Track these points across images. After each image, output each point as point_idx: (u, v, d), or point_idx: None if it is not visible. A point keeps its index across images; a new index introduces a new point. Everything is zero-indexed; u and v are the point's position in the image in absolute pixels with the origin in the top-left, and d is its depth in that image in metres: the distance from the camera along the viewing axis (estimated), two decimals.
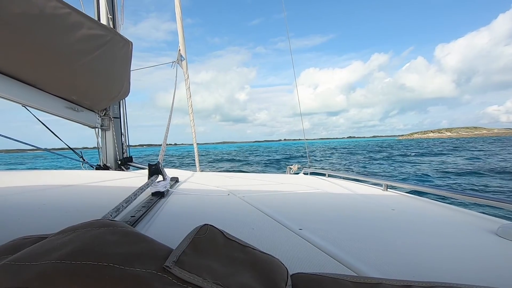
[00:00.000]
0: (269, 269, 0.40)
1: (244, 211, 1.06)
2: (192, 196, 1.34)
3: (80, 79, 2.15)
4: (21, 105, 2.05)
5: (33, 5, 1.48)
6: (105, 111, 2.89)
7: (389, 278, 0.39)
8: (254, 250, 0.44)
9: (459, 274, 0.57)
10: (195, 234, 0.45)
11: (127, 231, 0.43)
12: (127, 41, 2.30)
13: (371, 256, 0.64)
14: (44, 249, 0.37)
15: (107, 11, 2.76)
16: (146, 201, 1.13)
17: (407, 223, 0.98)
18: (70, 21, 1.72)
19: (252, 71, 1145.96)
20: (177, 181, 1.78)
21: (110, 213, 0.75)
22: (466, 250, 0.71)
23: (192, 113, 3.37)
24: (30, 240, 0.45)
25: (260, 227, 0.84)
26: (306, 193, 1.52)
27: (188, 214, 1.02)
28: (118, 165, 3.03)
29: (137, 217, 0.88)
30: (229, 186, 1.67)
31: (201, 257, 0.39)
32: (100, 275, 0.32)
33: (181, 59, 3.12)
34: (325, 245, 0.69)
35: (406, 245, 0.73)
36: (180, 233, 0.48)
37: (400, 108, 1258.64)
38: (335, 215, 1.05)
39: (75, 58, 1.90)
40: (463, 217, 1.05)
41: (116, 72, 2.38)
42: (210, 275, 0.35)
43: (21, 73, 1.86)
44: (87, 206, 1.12)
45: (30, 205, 1.07)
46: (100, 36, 1.98)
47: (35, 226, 0.82)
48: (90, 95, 2.43)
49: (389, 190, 1.59)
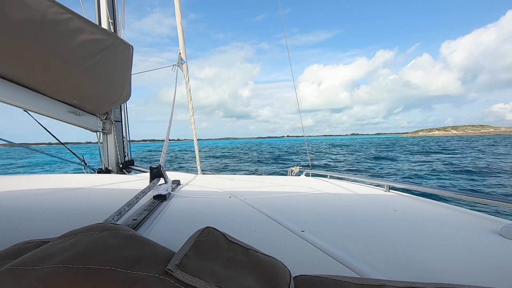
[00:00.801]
0: (272, 271, 0.40)
1: (246, 214, 1.05)
2: (193, 199, 1.34)
3: (81, 84, 2.16)
4: (22, 109, 2.07)
5: (35, 11, 1.49)
6: (107, 114, 2.90)
7: (393, 279, 0.39)
8: (257, 252, 0.44)
9: (463, 275, 0.57)
10: (197, 237, 0.45)
11: (129, 235, 0.43)
12: (128, 45, 2.32)
13: (374, 257, 0.64)
14: (47, 253, 0.37)
15: (108, 16, 2.78)
16: (148, 204, 1.13)
17: (410, 224, 0.98)
18: (71, 26, 1.73)
19: (256, 67, 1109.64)
20: (178, 184, 1.78)
21: (112, 217, 0.75)
22: (469, 251, 0.71)
23: (193, 116, 3.38)
24: (33, 244, 0.45)
25: (262, 229, 0.84)
26: (308, 195, 1.52)
27: (190, 217, 1.01)
28: (119, 168, 3.03)
29: (139, 221, 0.88)
30: (230, 188, 1.67)
31: (203, 260, 0.39)
32: (102, 279, 0.32)
33: (182, 62, 3.14)
34: (327, 247, 0.69)
35: (409, 246, 0.73)
36: (182, 236, 0.48)
37: (404, 106, 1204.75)
38: (337, 217, 1.04)
39: (77, 63, 1.92)
40: (466, 218, 1.04)
41: (117, 76, 2.39)
42: (212, 278, 0.35)
43: (23, 78, 1.88)
44: (89, 210, 1.12)
45: (32, 209, 1.08)
46: (101, 41, 1.99)
47: (38, 230, 0.82)
48: (91, 99, 2.45)
49: (391, 191, 1.59)
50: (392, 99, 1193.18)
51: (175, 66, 3.07)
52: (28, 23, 1.49)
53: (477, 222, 0.98)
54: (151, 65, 55.75)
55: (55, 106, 2.22)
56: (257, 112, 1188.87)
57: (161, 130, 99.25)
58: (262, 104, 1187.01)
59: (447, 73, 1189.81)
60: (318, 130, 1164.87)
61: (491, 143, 37.22)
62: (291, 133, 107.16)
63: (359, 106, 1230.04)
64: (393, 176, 10.87)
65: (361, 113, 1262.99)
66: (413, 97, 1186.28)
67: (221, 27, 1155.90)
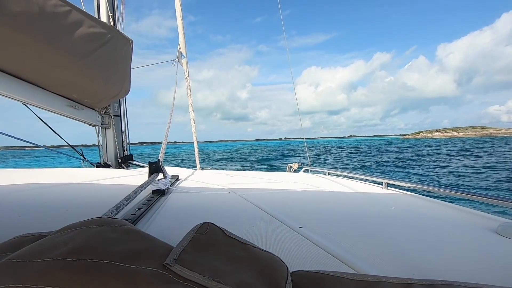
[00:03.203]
0: (270, 266, 0.40)
1: (244, 209, 1.06)
2: (192, 194, 1.34)
3: (80, 77, 2.15)
4: (21, 103, 2.06)
5: (33, 3, 1.47)
6: (106, 109, 2.89)
7: (389, 276, 0.39)
8: (255, 248, 0.44)
9: (459, 272, 0.58)
10: (196, 232, 0.45)
11: (128, 229, 0.43)
12: (128, 39, 2.30)
13: (371, 254, 0.65)
14: (45, 247, 0.37)
15: (108, 9, 2.75)
16: (146, 199, 1.13)
17: (407, 221, 0.98)
18: (70, 19, 1.71)
19: (254, 69, 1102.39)
20: (177, 179, 1.78)
21: (111, 211, 0.75)
22: (466, 248, 0.71)
23: (192, 111, 3.37)
24: (31, 237, 0.45)
25: (260, 225, 0.85)
26: (306, 191, 1.52)
27: (189, 212, 1.02)
28: (118, 163, 3.03)
29: (138, 215, 0.88)
30: (229, 184, 1.67)
31: (202, 255, 0.39)
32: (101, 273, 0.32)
33: (182, 57, 3.12)
34: (325, 243, 0.69)
35: (406, 243, 0.74)
36: (181, 231, 0.48)
37: (401, 108, 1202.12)
38: (335, 213, 1.05)
39: (76, 56, 1.90)
40: (463, 215, 1.05)
41: (116, 70, 2.37)
42: (210, 273, 0.35)
43: (22, 71, 1.86)
44: (87, 204, 1.12)
45: (31, 203, 1.08)
46: (100, 34, 1.98)
47: (36, 223, 0.82)
48: (90, 93, 2.43)
49: (389, 188, 1.60)
50: (389, 101, 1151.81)
51: (175, 61, 3.05)
52: (26, 15, 1.47)
53: (474, 219, 0.99)
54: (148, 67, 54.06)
55: (54, 100, 2.21)
56: (255, 114, 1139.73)
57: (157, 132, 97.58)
58: (260, 106, 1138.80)
59: (443, 75, 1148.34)
60: (316, 132, 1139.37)
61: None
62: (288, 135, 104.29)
63: (357, 108, 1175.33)
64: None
65: (358, 115, 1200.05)
66: (410, 99, 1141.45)
67: (219, 29, 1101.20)
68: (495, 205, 1.06)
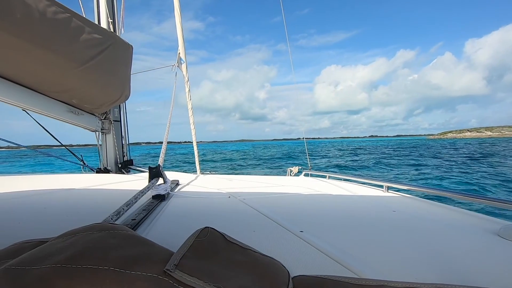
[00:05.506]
0: (270, 271, 0.40)
1: (244, 214, 1.05)
2: (192, 199, 1.34)
3: (81, 83, 2.16)
4: (21, 108, 2.06)
5: (34, 10, 1.49)
6: (106, 114, 2.90)
7: (391, 280, 0.39)
8: (255, 252, 0.44)
9: (461, 275, 0.57)
10: (196, 237, 0.45)
11: (128, 235, 0.43)
12: (128, 45, 2.31)
13: (372, 258, 0.64)
14: (45, 253, 0.37)
15: (108, 15, 2.77)
16: (146, 204, 1.13)
17: (408, 224, 0.98)
18: (70, 26, 1.73)
19: (272, 69, 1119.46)
20: (177, 184, 1.78)
21: (111, 217, 0.75)
22: (467, 251, 0.71)
23: (192, 116, 3.38)
24: (31, 244, 0.44)
25: (261, 229, 0.84)
26: (307, 195, 1.52)
27: (189, 217, 1.01)
28: (118, 168, 3.03)
29: (138, 220, 0.88)
30: (229, 188, 1.67)
31: (202, 260, 0.39)
32: (101, 279, 0.32)
33: (181, 62, 3.13)
34: (326, 247, 0.69)
35: (408, 246, 0.73)
36: (181, 236, 0.48)
37: (425, 107, 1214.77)
38: (336, 217, 1.05)
39: (76, 63, 1.91)
40: (465, 218, 1.05)
41: (116, 76, 2.39)
42: (211, 278, 0.35)
43: (22, 77, 1.87)
44: (87, 209, 1.11)
45: (31, 209, 1.07)
46: (100, 40, 1.99)
47: (36, 230, 0.82)
48: (90, 98, 2.44)
49: (390, 191, 1.59)
50: (412, 100, 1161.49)
51: (174, 66, 3.06)
52: (27, 22, 1.49)
53: (475, 222, 0.98)
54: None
55: (54, 105, 2.22)
56: (273, 114, 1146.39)
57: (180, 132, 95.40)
58: (278, 106, 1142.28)
59: (471, 72, 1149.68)
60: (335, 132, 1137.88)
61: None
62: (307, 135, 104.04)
63: (378, 107, 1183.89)
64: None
65: (379, 114, 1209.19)
66: (435, 97, 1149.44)
67: (239, 30, 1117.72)
68: (496, 207, 1.05)
